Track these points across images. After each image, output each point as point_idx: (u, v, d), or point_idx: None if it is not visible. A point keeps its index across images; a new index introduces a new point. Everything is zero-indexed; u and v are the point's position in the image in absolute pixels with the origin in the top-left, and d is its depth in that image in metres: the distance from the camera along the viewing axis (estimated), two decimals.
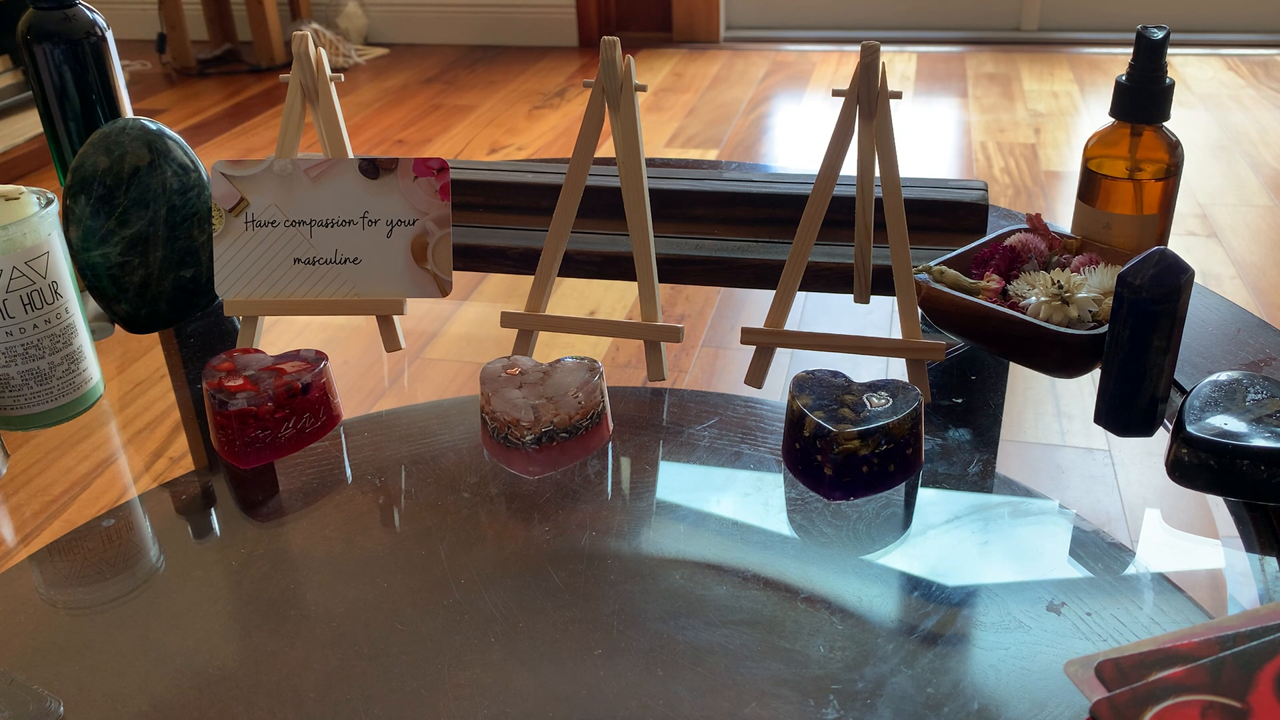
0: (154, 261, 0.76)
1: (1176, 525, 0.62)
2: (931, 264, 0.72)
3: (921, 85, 2.61)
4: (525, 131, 2.40)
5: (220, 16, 3.12)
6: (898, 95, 0.66)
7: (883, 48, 0.65)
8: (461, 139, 2.38)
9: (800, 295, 0.71)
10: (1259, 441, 0.56)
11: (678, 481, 0.66)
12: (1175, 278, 0.58)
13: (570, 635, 0.53)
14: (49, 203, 0.68)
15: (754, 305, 1.05)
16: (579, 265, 0.86)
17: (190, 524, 0.64)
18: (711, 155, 2.20)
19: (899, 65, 2.77)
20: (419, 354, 0.88)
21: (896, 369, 0.79)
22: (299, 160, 0.73)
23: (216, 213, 0.73)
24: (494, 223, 0.93)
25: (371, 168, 0.73)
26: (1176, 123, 0.71)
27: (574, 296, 1.17)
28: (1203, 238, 1.71)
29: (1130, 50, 0.73)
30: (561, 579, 0.56)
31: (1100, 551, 0.58)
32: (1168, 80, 0.73)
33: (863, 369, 0.76)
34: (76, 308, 0.70)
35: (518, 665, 0.51)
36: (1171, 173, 0.74)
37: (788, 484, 0.63)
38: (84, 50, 0.83)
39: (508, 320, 0.73)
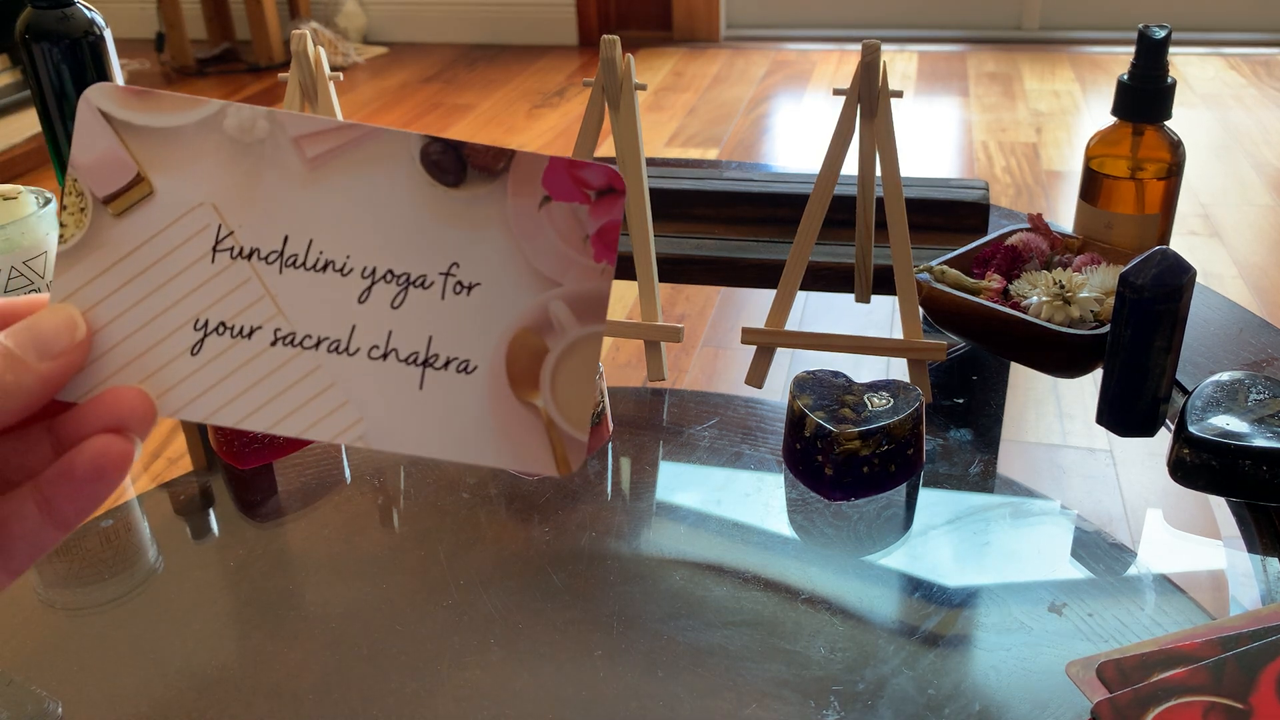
0: None
1: (1178, 526, 0.62)
2: (933, 264, 0.72)
3: (923, 84, 2.61)
4: (525, 131, 2.40)
5: (219, 15, 3.12)
6: (899, 94, 0.65)
7: (884, 47, 0.64)
8: (461, 138, 2.38)
9: (801, 295, 0.71)
10: (1261, 442, 0.55)
11: (678, 482, 0.65)
12: (1177, 277, 0.58)
13: (570, 636, 0.53)
14: (47, 202, 0.68)
15: (754, 305, 1.05)
16: None
17: (189, 525, 0.64)
18: (712, 155, 2.20)
19: (900, 64, 2.77)
20: None
21: (898, 369, 0.79)
22: (284, 118, 0.31)
23: (71, 198, 0.31)
24: None
25: (449, 158, 0.32)
26: (1178, 122, 0.71)
27: None
28: (1204, 237, 1.71)
29: (1132, 49, 0.73)
30: (561, 580, 0.56)
31: (1102, 552, 0.58)
32: (1169, 79, 0.73)
33: (864, 369, 0.76)
34: None
35: (517, 666, 0.51)
36: (1173, 172, 0.74)
37: (788, 484, 0.63)
38: (82, 49, 0.83)
39: None
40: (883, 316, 0.89)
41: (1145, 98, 0.73)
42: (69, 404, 0.28)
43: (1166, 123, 0.74)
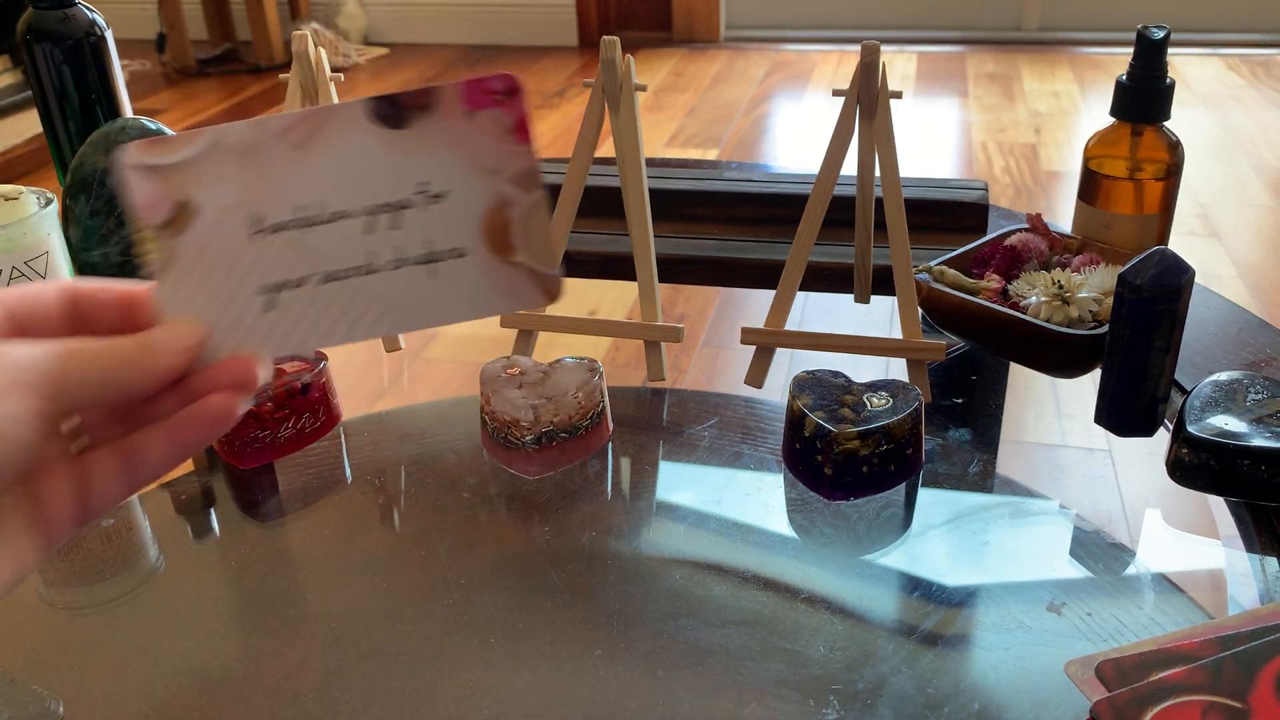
0: None
1: (1177, 525, 0.62)
2: (932, 264, 0.72)
3: (922, 85, 2.61)
4: None
5: (220, 16, 3.12)
6: (898, 95, 0.66)
7: (883, 47, 0.64)
8: None
9: (800, 295, 0.71)
10: (1259, 441, 0.55)
11: (678, 482, 0.66)
12: (1176, 278, 0.58)
13: (570, 635, 0.53)
14: (48, 203, 0.68)
15: (754, 305, 1.05)
16: (579, 265, 0.86)
17: (190, 524, 0.64)
18: (712, 155, 2.20)
19: (899, 65, 2.77)
20: (419, 354, 0.88)
21: (897, 369, 0.79)
22: (265, 122, 0.41)
23: (143, 233, 0.40)
24: None
25: (392, 109, 0.42)
26: (1177, 122, 0.71)
27: (574, 296, 1.17)
28: (1203, 237, 1.71)
29: (1131, 50, 0.73)
30: (561, 579, 0.56)
31: (1101, 552, 0.58)
32: (1168, 80, 0.73)
33: (863, 369, 0.76)
34: None
35: (517, 666, 0.51)
36: (1172, 172, 0.74)
37: (788, 484, 0.63)
38: (83, 50, 0.83)
39: (508, 320, 0.73)
40: (882, 316, 0.89)
41: (1144, 98, 0.73)
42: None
43: (1165, 123, 0.74)
